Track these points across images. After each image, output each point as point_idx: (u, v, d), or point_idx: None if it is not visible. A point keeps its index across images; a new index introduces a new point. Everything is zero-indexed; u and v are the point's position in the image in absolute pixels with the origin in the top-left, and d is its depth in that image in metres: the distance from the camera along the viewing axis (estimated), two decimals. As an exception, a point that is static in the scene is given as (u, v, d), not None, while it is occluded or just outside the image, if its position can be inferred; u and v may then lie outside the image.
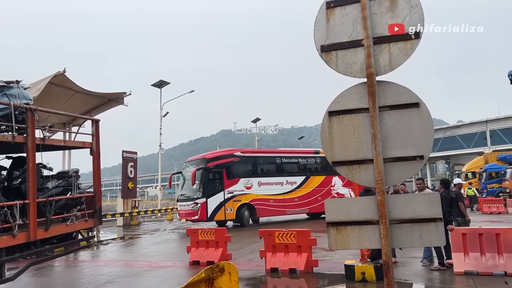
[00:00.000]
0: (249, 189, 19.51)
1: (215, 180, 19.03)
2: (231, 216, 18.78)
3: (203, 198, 18.31)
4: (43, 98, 11.53)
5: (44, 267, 10.64)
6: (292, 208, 20.54)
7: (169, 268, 9.80)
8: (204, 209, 18.21)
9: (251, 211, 19.45)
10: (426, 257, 8.63)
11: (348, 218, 3.25)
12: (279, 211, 20.25)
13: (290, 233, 8.51)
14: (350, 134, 3.31)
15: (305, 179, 21.22)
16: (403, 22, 3.23)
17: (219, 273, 3.53)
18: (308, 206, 20.94)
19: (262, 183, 19.95)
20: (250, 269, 8.95)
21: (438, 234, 3.08)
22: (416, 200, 3.16)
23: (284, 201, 20.35)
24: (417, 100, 3.19)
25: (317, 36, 3.46)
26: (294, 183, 20.90)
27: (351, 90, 3.37)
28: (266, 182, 20.10)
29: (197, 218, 18.37)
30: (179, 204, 19.86)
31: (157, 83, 29.65)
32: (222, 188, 18.87)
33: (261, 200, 19.66)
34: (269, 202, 19.84)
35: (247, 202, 19.31)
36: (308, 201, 20.93)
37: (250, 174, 20.00)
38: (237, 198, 19.11)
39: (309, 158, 22.26)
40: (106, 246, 14.44)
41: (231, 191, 19.01)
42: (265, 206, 19.71)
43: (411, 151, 3.16)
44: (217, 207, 18.45)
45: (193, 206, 18.36)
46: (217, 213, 18.38)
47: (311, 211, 21.18)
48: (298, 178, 21.09)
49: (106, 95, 13.90)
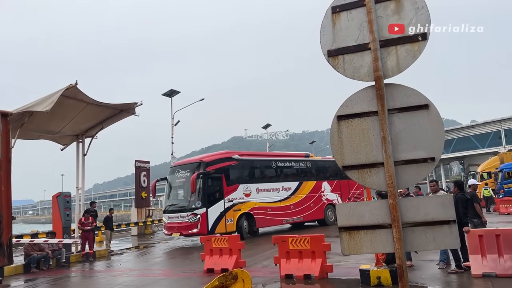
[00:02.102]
0: (248, 197, 17.24)
1: (215, 187, 16.44)
2: (231, 228, 16.20)
3: (203, 208, 15.71)
4: (56, 111, 11.74)
5: (61, 277, 10.77)
6: (288, 216, 18.55)
7: (183, 276, 9.81)
8: (204, 221, 15.61)
9: (249, 221, 17.10)
10: (443, 260, 8.50)
11: (360, 223, 3.23)
12: (277, 221, 18.20)
13: (303, 239, 8.47)
14: (360, 138, 3.30)
15: (299, 184, 19.39)
16: (409, 24, 3.22)
17: (232, 281, 3.53)
18: (302, 214, 19.03)
19: (260, 190, 17.79)
20: (264, 275, 8.92)
21: (452, 237, 3.04)
22: (429, 202, 3.13)
23: (282, 209, 18.30)
24: (426, 101, 3.17)
25: (324, 41, 3.47)
26: (289, 189, 18.93)
27: (359, 93, 3.36)
28: (264, 188, 17.96)
29: (196, 231, 15.58)
30: (168, 216, 16.83)
31: (167, 93, 29.87)
32: (222, 196, 16.41)
33: (260, 209, 17.46)
34: (267, 211, 17.69)
35: (246, 212, 16.99)
36: (302, 209, 19.08)
37: (248, 179, 17.70)
38: (237, 207, 16.77)
39: (303, 162, 20.33)
40: (121, 256, 14.52)
41: (230, 199, 16.64)
42: (263, 215, 17.53)
43: (422, 153, 3.14)
44: (217, 218, 15.98)
45: (190, 218, 15.67)
46: (217, 225, 15.85)
47: (306, 219, 19.31)
48: (292, 183, 19.17)
49: (118, 106, 14.04)
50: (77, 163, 14.86)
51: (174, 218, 16.39)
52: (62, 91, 11.24)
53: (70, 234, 14.13)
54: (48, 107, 10.94)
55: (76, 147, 15.05)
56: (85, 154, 15.01)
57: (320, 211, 19.90)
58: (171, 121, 30.02)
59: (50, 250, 12.31)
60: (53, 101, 11.04)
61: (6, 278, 10.98)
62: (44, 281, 10.35)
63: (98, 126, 14.88)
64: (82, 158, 14.92)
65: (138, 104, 14.20)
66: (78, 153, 14.93)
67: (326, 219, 20.04)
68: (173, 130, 29.91)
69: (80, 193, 14.87)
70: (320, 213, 19.88)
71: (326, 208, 20.16)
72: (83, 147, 15.03)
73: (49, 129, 13.88)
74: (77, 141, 15.05)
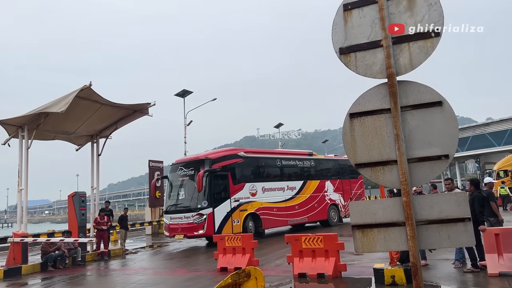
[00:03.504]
0: (254, 196, 16.55)
1: (221, 185, 15.71)
2: (238, 229, 15.36)
3: (209, 208, 14.93)
4: (71, 112, 11.92)
5: (77, 276, 10.92)
6: (293, 217, 17.94)
7: (197, 275, 9.88)
8: (211, 222, 14.81)
9: (255, 222, 16.37)
10: (458, 259, 8.40)
11: (373, 221, 3.21)
12: (282, 221, 17.56)
13: (317, 238, 8.45)
14: (373, 136, 3.28)
15: (303, 184, 18.83)
16: (422, 21, 3.19)
17: (245, 278, 3.54)
18: (307, 214, 18.47)
19: (266, 189, 17.12)
20: (277, 274, 8.92)
21: (467, 235, 3.01)
22: (443, 200, 3.10)
23: (287, 209, 17.68)
24: (440, 98, 3.14)
25: (335, 39, 3.46)
26: (293, 188, 18.33)
27: (371, 91, 3.35)
28: (269, 187, 17.31)
29: (202, 233, 14.87)
30: (170, 217, 15.87)
31: (180, 93, 30.02)
32: (228, 195, 15.69)
33: (266, 209, 16.80)
34: (273, 211, 17.04)
35: (252, 212, 16.26)
36: (307, 209, 18.51)
37: (254, 178, 16.97)
38: (243, 207, 16.01)
39: (307, 160, 19.73)
40: (135, 255, 14.67)
41: (237, 199, 15.91)
42: (269, 216, 16.89)
43: (436, 151, 3.11)
44: (224, 219, 15.24)
45: (196, 219, 14.87)
46: (224, 226, 15.11)
47: (310, 220, 18.79)
48: (297, 183, 18.59)
49: (131, 107, 14.18)
50: (92, 163, 15.05)
51: (177, 219, 15.52)
52: (77, 92, 11.40)
53: (86, 233, 14.33)
54: (63, 108, 11.11)
55: (91, 147, 15.26)
56: (100, 154, 15.21)
57: (324, 211, 19.43)
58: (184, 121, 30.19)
59: (66, 249, 12.50)
60: (68, 102, 11.21)
61: (24, 276, 11.20)
62: (60, 279, 10.52)
63: (112, 127, 15.06)
64: (97, 158, 15.11)
65: (151, 104, 14.31)
66: (93, 154, 15.13)
67: (330, 220, 19.53)
68: (185, 130, 30.08)
69: (95, 192, 15.07)
70: (323, 213, 19.40)
71: (329, 209, 19.69)
72: (97, 148, 15.23)
73: (64, 129, 14.10)
74: (91, 142, 15.25)
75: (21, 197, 12.28)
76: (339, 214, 20.24)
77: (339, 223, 19.98)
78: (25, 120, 12.31)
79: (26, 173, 12.36)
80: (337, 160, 21.67)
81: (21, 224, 12.29)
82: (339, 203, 20.41)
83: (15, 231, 12.26)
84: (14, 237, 11.84)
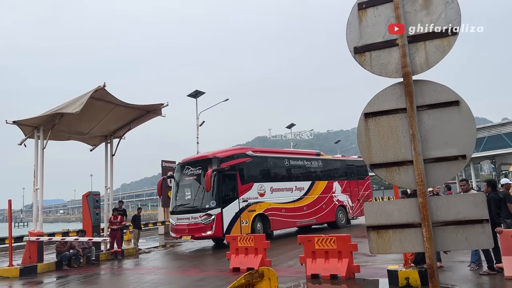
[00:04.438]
0: (262, 196, 16.16)
1: (230, 185, 15.32)
2: (246, 230, 14.98)
3: (217, 209, 14.51)
4: (85, 112, 12.05)
5: (91, 275, 11.04)
6: (302, 218, 17.50)
7: (210, 275, 9.90)
8: (219, 223, 14.42)
9: (263, 223, 15.95)
10: (474, 261, 8.27)
11: (389, 222, 3.18)
12: (291, 223, 17.13)
13: (329, 239, 8.40)
14: (388, 136, 3.25)
15: (311, 184, 18.46)
16: (438, 19, 3.15)
17: (258, 279, 3.54)
18: (315, 215, 18.06)
19: (274, 189, 16.74)
20: (290, 275, 8.90)
21: (485, 236, 2.96)
22: (460, 201, 3.05)
23: (295, 210, 17.28)
24: (457, 98, 3.09)
25: (350, 38, 3.43)
26: (302, 189, 17.94)
27: (387, 90, 3.31)
28: (278, 187, 16.94)
29: (211, 234, 14.48)
30: (177, 217, 15.44)
31: (192, 93, 30.16)
32: (236, 195, 15.28)
33: (275, 209, 16.40)
34: (281, 212, 16.65)
35: (261, 213, 15.85)
36: (315, 210, 18.11)
37: (262, 178, 16.58)
38: (252, 208, 15.59)
39: (315, 160, 19.40)
40: (148, 254, 14.77)
41: (245, 199, 15.51)
42: (278, 217, 16.50)
43: (453, 151, 3.06)
44: (232, 220, 14.83)
45: (204, 219, 14.49)
46: (232, 227, 14.68)
47: (318, 221, 18.40)
48: (305, 183, 18.21)
49: (145, 107, 14.28)
50: (106, 164, 15.21)
51: (184, 220, 15.09)
52: (91, 93, 11.52)
53: (100, 232, 14.48)
54: (78, 109, 11.24)
55: (105, 147, 15.41)
56: (114, 154, 15.35)
57: (332, 212, 19.02)
58: (196, 122, 30.31)
59: (80, 248, 12.65)
60: (82, 102, 11.34)
61: (39, 275, 11.35)
62: (75, 278, 10.64)
63: (126, 127, 15.18)
64: (111, 159, 15.26)
65: (164, 105, 14.39)
66: (107, 154, 15.29)
67: (338, 222, 19.12)
68: (198, 130, 30.19)
69: (109, 192, 15.21)
70: (331, 215, 18.98)
71: (337, 210, 19.31)
72: (111, 148, 15.37)
73: (78, 130, 14.27)
74: (105, 142, 15.41)
75: (37, 197, 12.46)
76: (347, 216, 19.91)
77: (347, 225, 19.71)
78: (41, 121, 12.49)
79: (41, 173, 12.54)
80: (344, 161, 21.42)
81: (37, 223, 12.46)
82: (347, 204, 20.07)
83: (31, 230, 12.45)
84: (30, 236, 12.03)
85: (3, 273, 11.27)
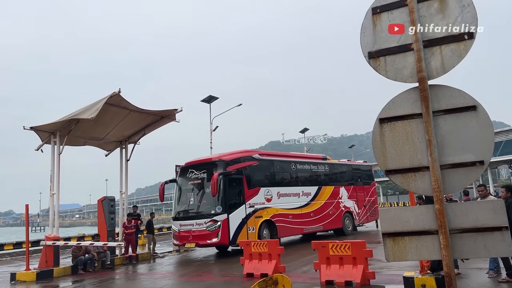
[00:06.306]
0: (269, 202, 15.43)
1: (236, 189, 14.49)
2: (253, 237, 14.10)
3: (223, 214, 13.68)
4: (100, 118, 12.20)
5: (106, 279, 11.12)
6: (309, 225, 16.81)
7: (224, 280, 9.88)
8: (226, 229, 13.61)
9: (270, 230, 15.15)
10: (493, 268, 8.09)
11: (405, 229, 3.13)
12: (298, 229, 16.44)
13: (344, 245, 8.32)
14: (404, 141, 3.21)
15: (318, 189, 17.78)
16: (454, 23, 3.10)
17: (273, 286, 3.51)
18: (322, 222, 17.39)
19: (281, 194, 16.04)
20: (304, 281, 8.83)
21: (504, 244, 2.89)
22: (478, 207, 2.99)
23: (302, 216, 16.59)
24: (474, 102, 3.04)
25: (364, 43, 3.41)
26: (309, 194, 17.27)
27: (402, 95, 3.27)
28: (284, 192, 16.26)
29: (216, 241, 13.65)
30: (180, 223, 14.58)
31: (206, 99, 30.29)
32: (243, 201, 14.47)
33: (282, 216, 15.68)
34: (288, 218, 15.96)
35: (268, 219, 15.08)
36: (322, 216, 17.43)
37: (269, 182, 15.86)
38: (259, 214, 14.81)
39: (321, 165, 18.78)
40: (163, 259, 14.83)
41: (252, 204, 14.70)
42: (285, 223, 15.79)
43: (470, 157, 3.01)
44: (239, 226, 14.01)
45: (209, 226, 13.64)
46: (239, 234, 13.88)
47: (325, 228, 17.73)
48: (312, 188, 17.55)
49: (159, 113, 14.40)
50: (121, 168, 15.37)
51: (187, 226, 14.21)
52: (106, 99, 11.66)
53: (114, 237, 14.58)
54: (93, 115, 11.38)
55: (120, 153, 15.57)
56: (128, 159, 15.50)
57: (339, 219, 18.35)
58: (210, 127, 30.43)
59: (95, 253, 12.76)
60: (97, 108, 11.48)
61: (56, 279, 11.48)
62: (90, 282, 10.73)
63: (141, 132, 15.32)
64: (126, 164, 15.41)
65: (178, 110, 14.48)
66: (122, 159, 15.44)
67: (344, 229, 18.43)
68: (211, 135, 30.30)
69: (123, 197, 15.35)
70: (338, 221, 18.31)
71: (344, 216, 18.64)
72: (126, 153, 15.52)
73: (94, 135, 14.44)
74: (120, 147, 15.56)
75: (53, 201, 12.64)
76: (353, 222, 19.31)
77: (353, 232, 19.15)
78: (57, 127, 12.68)
79: (58, 178, 12.71)
80: (350, 165, 20.97)
81: (53, 228, 12.62)
82: (354, 211, 19.43)
83: (47, 234, 12.61)
84: (47, 240, 12.18)
85: (21, 277, 11.42)
